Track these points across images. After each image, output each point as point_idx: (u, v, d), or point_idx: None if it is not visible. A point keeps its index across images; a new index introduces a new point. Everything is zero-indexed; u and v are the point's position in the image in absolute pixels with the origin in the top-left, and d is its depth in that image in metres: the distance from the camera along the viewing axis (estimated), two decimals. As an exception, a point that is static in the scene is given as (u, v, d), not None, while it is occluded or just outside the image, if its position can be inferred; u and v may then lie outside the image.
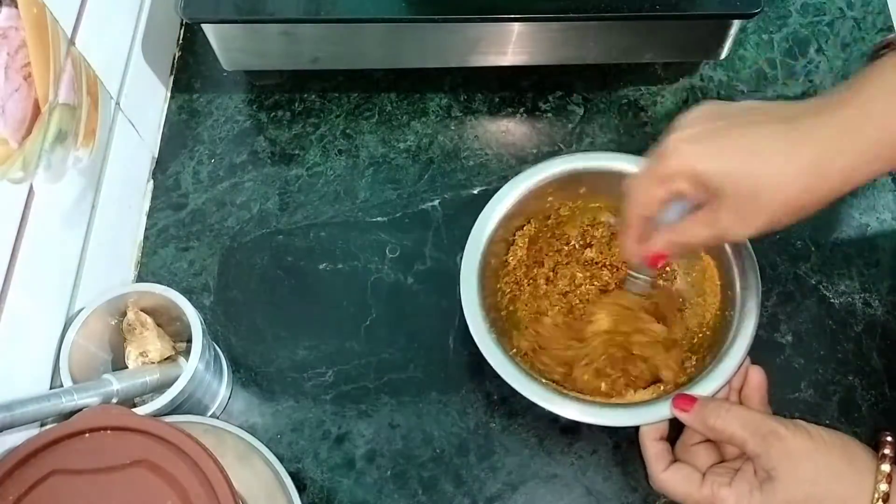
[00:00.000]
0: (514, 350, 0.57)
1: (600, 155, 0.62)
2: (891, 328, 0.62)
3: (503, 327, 0.58)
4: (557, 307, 0.60)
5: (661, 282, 0.61)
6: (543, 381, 0.55)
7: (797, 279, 0.64)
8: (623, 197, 0.50)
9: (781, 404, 0.58)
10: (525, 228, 0.61)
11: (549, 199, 0.61)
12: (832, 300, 0.63)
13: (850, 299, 0.63)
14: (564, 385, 0.56)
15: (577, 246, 0.62)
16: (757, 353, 0.55)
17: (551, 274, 0.61)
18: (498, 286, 0.60)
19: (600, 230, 0.62)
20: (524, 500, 0.57)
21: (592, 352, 0.56)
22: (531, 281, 0.61)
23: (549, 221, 0.62)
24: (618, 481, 0.57)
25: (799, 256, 0.65)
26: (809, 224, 0.66)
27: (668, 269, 0.61)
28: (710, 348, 0.56)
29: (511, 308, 0.60)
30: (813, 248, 0.65)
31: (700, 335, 0.58)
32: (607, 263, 0.62)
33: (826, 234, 0.66)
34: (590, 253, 0.62)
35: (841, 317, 0.62)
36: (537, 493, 0.57)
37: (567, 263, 0.62)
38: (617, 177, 0.58)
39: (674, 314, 0.59)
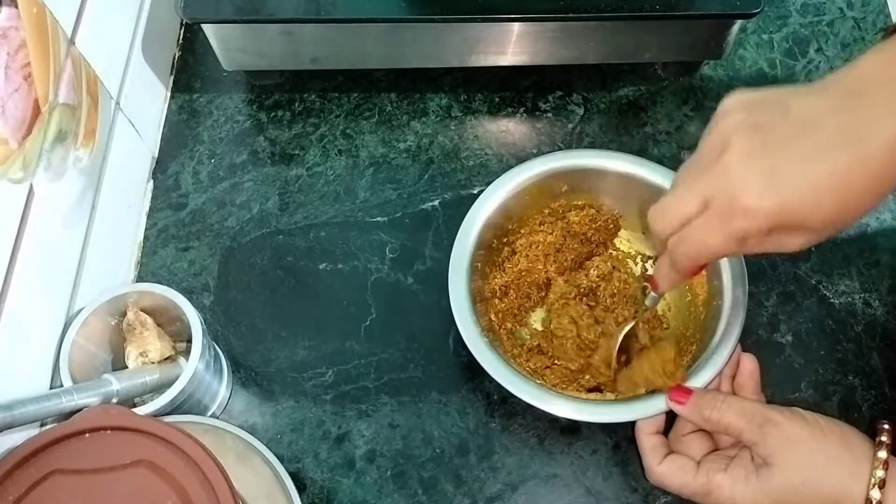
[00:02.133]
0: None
1: (581, 153, 0.63)
2: (891, 328, 0.62)
3: (497, 328, 0.58)
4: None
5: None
6: (538, 382, 0.55)
7: (797, 279, 0.64)
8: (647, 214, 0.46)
9: (781, 404, 0.58)
10: (510, 231, 0.61)
11: (527, 197, 0.60)
12: (832, 300, 0.63)
13: (850, 299, 0.63)
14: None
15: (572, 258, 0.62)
16: (757, 353, 0.55)
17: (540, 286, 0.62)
18: (488, 289, 0.60)
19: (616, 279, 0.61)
20: (524, 500, 0.57)
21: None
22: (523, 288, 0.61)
23: (531, 224, 0.62)
24: (618, 481, 0.57)
25: (799, 256, 0.65)
26: (809, 224, 0.66)
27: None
28: (700, 339, 0.56)
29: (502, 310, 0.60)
30: (813, 248, 0.65)
31: (691, 328, 0.58)
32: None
33: (826, 234, 0.66)
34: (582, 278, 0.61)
35: (841, 317, 0.62)
36: (537, 493, 0.57)
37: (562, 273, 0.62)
38: (597, 174, 0.60)
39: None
